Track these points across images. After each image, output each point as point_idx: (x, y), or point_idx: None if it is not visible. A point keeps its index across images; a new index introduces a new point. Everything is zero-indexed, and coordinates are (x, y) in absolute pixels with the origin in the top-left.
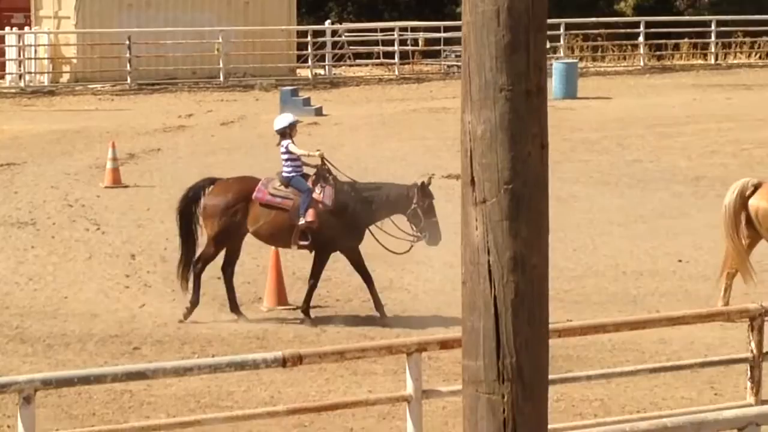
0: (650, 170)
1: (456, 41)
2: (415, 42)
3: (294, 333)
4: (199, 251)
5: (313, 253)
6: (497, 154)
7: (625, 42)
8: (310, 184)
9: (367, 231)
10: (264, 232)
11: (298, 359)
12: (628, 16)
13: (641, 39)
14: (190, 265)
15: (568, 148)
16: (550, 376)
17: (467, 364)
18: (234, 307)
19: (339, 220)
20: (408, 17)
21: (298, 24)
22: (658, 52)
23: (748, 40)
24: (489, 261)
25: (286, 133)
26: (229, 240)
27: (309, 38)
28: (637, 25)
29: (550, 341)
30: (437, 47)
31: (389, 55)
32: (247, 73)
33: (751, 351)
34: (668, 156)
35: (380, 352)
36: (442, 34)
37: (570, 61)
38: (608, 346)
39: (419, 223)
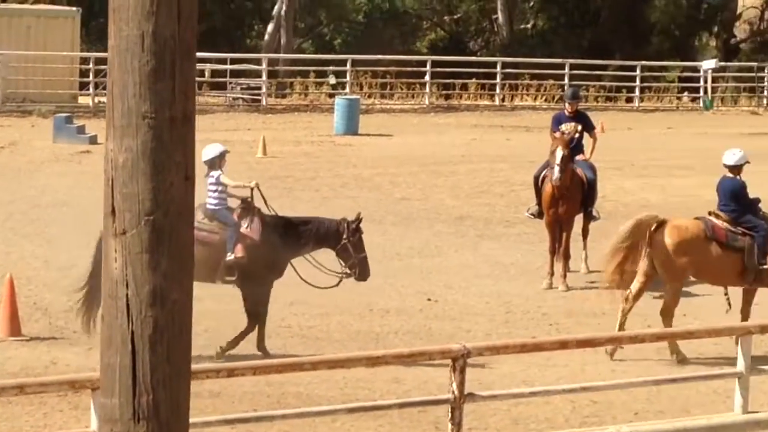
0: (417, 208)
1: (242, 74)
2: (201, 73)
3: (21, 365)
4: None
5: (242, 290)
6: (138, 184)
7: (413, 80)
8: (235, 217)
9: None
10: None
11: None
12: (422, 54)
13: (428, 78)
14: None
15: (339, 184)
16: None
17: (104, 402)
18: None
19: (266, 255)
20: (201, 48)
21: (86, 51)
22: (445, 92)
23: (534, 82)
24: (127, 295)
25: (216, 163)
26: None
27: (91, 65)
28: (425, 63)
29: (280, 376)
30: (224, 79)
31: None
32: (26, 99)
33: (452, 392)
34: (437, 195)
35: (62, 386)
36: (229, 66)
37: (352, 97)
38: (341, 384)
39: (349, 259)
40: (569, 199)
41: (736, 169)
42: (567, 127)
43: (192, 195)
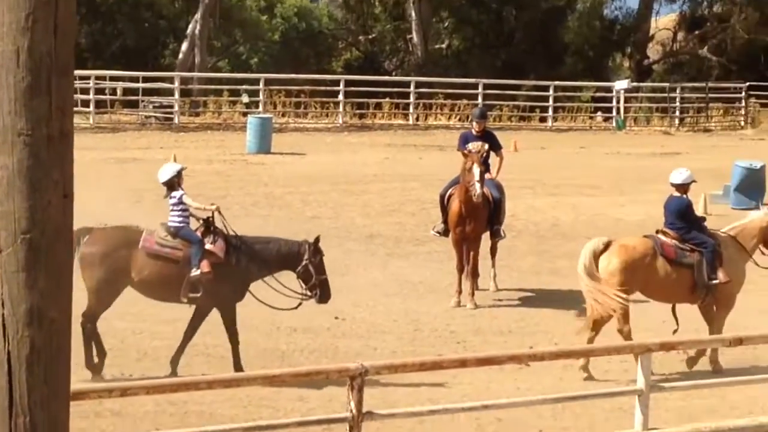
0: (327, 227)
1: (155, 92)
2: (114, 91)
3: None
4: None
5: (195, 307)
6: (14, 202)
7: (327, 99)
8: (199, 234)
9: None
10: (150, 283)
11: None
12: (338, 74)
13: (341, 97)
14: None
15: (250, 202)
16: None
17: None
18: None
19: (229, 274)
20: (114, 66)
21: None
22: (359, 111)
23: (449, 102)
24: (3, 314)
25: (175, 183)
26: (110, 291)
27: None
28: (339, 83)
29: (184, 395)
30: (136, 97)
31: (86, 103)
32: None
33: (351, 410)
34: (348, 213)
35: None
36: (141, 84)
37: (264, 116)
38: (244, 402)
39: (310, 280)
40: (476, 217)
41: (682, 187)
42: (474, 146)
43: (70, 213)
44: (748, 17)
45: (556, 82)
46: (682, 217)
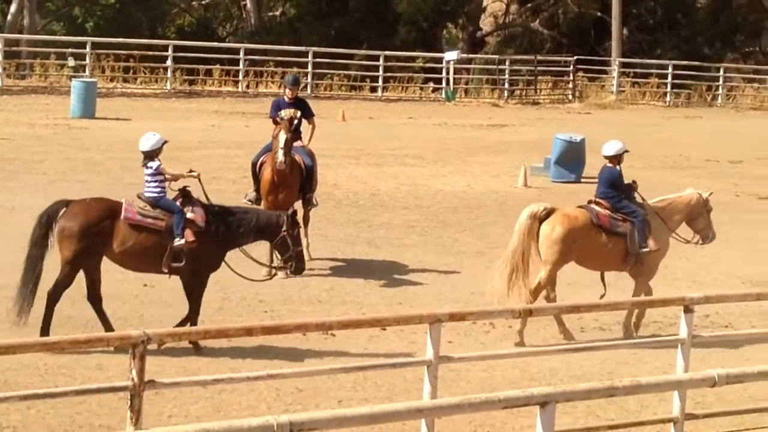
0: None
1: None
2: None
3: None
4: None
5: (184, 278)
6: None
7: (157, 65)
8: (178, 203)
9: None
10: (131, 254)
11: None
12: (171, 39)
13: (170, 62)
14: (34, 295)
15: (68, 167)
16: None
17: None
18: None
19: (209, 243)
20: None
21: None
22: (189, 77)
23: (279, 70)
24: None
25: (154, 153)
26: (88, 262)
27: None
28: (167, 48)
29: None
30: None
31: None
32: None
33: (132, 379)
34: None
35: None
36: None
37: (88, 80)
38: (42, 371)
39: (286, 251)
40: (288, 186)
41: (615, 158)
42: (286, 113)
43: None
44: None
45: (387, 52)
46: (613, 186)
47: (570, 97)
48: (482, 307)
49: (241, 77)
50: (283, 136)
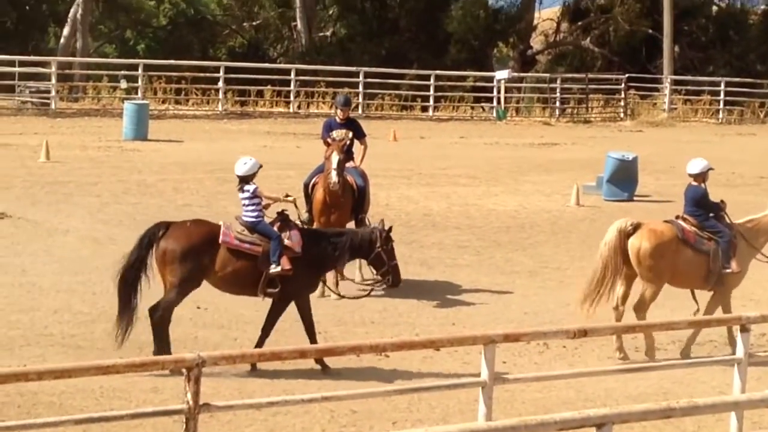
0: (199, 214)
1: (35, 77)
2: None
3: None
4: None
5: (272, 301)
6: None
7: (208, 86)
8: (276, 229)
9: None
10: (229, 279)
11: None
12: (221, 61)
13: (221, 84)
14: (133, 317)
15: (121, 190)
16: None
17: None
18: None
19: (306, 268)
20: None
21: None
22: (240, 98)
23: (330, 90)
24: None
25: (249, 177)
26: (194, 285)
27: None
28: (218, 70)
29: (34, 385)
30: (12, 82)
31: None
32: None
33: (187, 402)
34: (220, 202)
35: None
36: (17, 69)
37: (141, 102)
38: (97, 394)
39: (382, 266)
40: (340, 206)
41: (699, 177)
42: (338, 133)
43: None
44: (630, 8)
45: (438, 72)
46: (698, 204)
47: (621, 115)
48: (536, 328)
49: (292, 98)
50: (335, 157)
